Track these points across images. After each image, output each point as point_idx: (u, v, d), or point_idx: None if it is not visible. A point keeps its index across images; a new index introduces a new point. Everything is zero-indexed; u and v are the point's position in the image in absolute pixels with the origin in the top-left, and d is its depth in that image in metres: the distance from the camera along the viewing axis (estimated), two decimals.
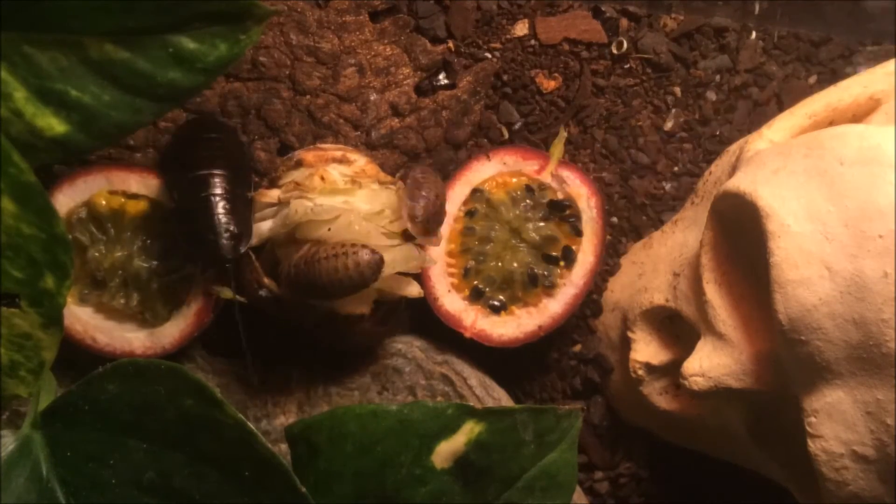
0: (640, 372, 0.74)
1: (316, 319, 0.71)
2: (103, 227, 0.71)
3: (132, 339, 0.71)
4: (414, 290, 0.71)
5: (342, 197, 0.68)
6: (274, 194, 0.69)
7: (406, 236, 0.70)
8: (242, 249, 0.68)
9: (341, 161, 0.70)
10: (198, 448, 0.54)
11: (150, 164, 0.74)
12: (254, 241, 0.69)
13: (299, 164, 0.70)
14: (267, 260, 0.70)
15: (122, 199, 0.71)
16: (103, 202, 0.71)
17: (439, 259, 0.76)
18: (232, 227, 0.67)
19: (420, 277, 0.74)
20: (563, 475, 0.60)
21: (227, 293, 0.70)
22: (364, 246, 0.66)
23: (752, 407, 0.67)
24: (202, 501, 0.54)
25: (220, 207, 0.67)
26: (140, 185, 0.71)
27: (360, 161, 0.71)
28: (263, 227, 0.69)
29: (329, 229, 0.67)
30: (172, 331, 0.72)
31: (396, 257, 0.69)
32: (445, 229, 0.77)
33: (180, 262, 0.71)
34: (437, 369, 0.77)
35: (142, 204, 0.71)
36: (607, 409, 0.81)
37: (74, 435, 0.56)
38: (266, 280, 0.69)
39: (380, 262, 0.66)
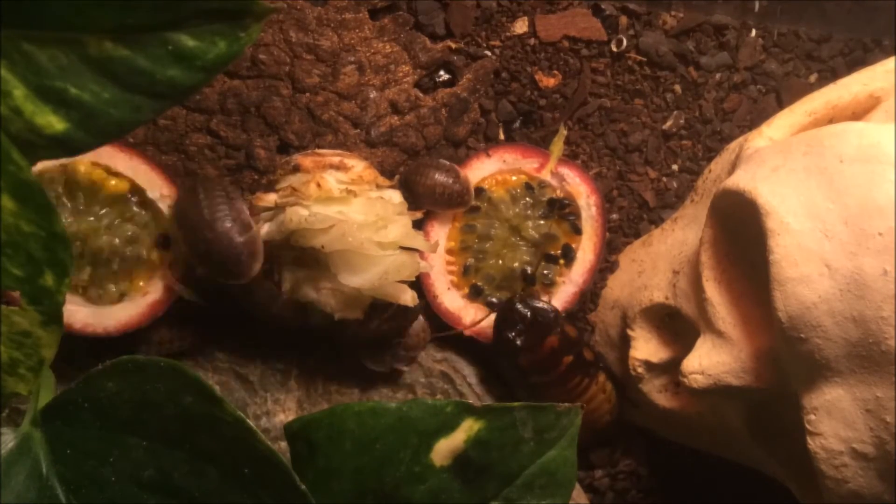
0: (640, 370, 0.74)
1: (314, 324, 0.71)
2: (74, 195, 0.70)
3: (73, 311, 0.70)
4: (407, 297, 0.70)
5: (337, 206, 0.68)
6: (271, 199, 0.69)
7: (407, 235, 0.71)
8: None
9: (339, 167, 0.70)
10: (197, 446, 0.53)
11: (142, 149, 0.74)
12: None
13: (297, 168, 0.70)
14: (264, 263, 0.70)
15: (104, 174, 0.71)
16: (83, 170, 0.70)
17: (439, 257, 0.76)
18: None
19: (418, 281, 0.74)
20: (563, 473, 0.60)
21: (188, 293, 0.71)
22: None
23: (752, 405, 0.67)
24: (202, 499, 0.54)
25: None
26: (126, 165, 0.71)
27: (357, 167, 0.71)
28: (260, 230, 0.69)
29: (322, 246, 0.67)
30: (120, 315, 0.71)
31: (390, 267, 0.68)
32: (445, 227, 0.77)
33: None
34: (437, 367, 0.77)
35: (123, 184, 0.71)
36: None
37: (74, 432, 0.56)
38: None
39: None
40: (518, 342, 0.73)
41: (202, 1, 0.52)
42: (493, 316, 0.75)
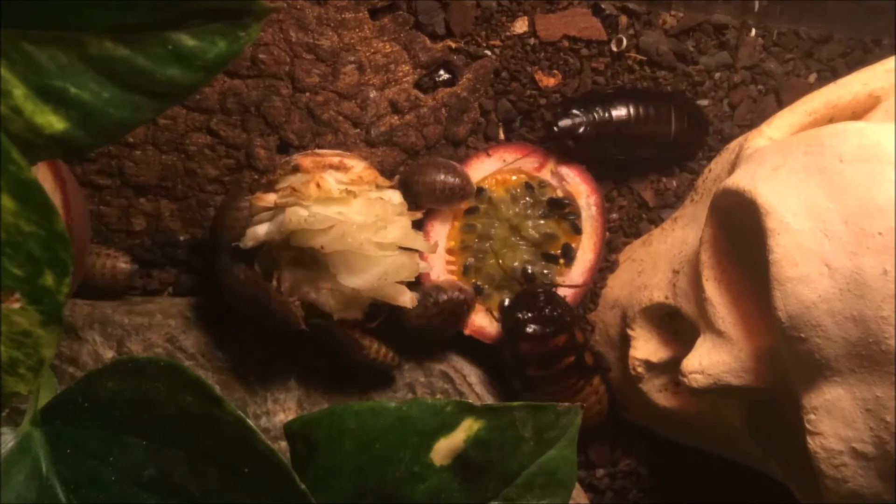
0: (640, 369, 0.74)
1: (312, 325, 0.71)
2: None
3: None
4: (406, 298, 0.70)
5: (337, 207, 0.68)
6: (270, 199, 0.69)
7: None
8: None
9: (338, 168, 0.70)
10: (197, 445, 0.53)
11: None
12: (250, 243, 0.69)
13: (296, 169, 0.70)
14: (264, 262, 0.70)
15: None
16: None
17: (439, 256, 0.76)
18: None
19: (417, 282, 0.74)
20: (563, 472, 0.60)
21: None
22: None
23: (752, 404, 0.67)
24: (202, 499, 0.53)
25: None
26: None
27: (357, 167, 0.71)
28: (260, 230, 0.69)
29: (322, 247, 0.67)
30: None
31: (389, 268, 0.68)
32: (445, 227, 0.77)
33: None
34: (437, 366, 0.77)
35: None
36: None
37: (74, 432, 0.56)
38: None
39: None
40: (527, 328, 0.73)
41: (202, 1, 0.52)
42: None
